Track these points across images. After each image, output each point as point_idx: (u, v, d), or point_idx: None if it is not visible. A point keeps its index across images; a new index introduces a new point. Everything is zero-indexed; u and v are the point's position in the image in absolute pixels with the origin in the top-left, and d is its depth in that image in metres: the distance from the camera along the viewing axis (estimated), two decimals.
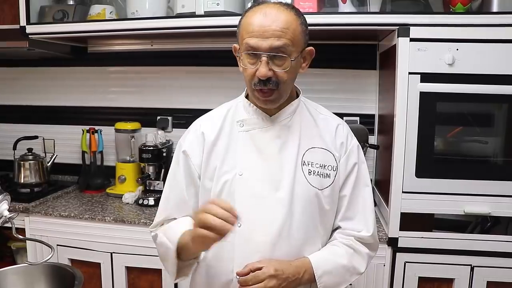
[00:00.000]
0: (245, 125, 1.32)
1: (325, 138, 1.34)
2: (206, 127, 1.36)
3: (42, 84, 2.88)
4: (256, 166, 1.28)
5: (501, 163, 1.89)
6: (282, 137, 1.30)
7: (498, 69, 1.79)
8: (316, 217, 1.29)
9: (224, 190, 1.28)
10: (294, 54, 1.20)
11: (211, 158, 1.32)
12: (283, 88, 1.23)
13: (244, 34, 1.21)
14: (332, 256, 1.29)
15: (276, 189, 1.26)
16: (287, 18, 1.18)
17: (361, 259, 1.33)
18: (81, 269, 1.44)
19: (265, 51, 1.17)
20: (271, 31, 1.16)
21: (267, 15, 1.18)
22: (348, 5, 2.07)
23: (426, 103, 1.83)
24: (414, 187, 1.87)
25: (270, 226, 1.24)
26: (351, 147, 1.36)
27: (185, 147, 1.36)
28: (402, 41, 1.83)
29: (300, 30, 1.21)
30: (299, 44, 1.22)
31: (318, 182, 1.29)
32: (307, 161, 1.29)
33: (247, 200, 1.26)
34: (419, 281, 1.92)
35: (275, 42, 1.16)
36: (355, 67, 2.50)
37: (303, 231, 1.27)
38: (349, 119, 2.50)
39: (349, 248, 1.31)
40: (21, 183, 2.54)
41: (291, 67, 1.20)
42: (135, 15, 2.23)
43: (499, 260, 1.85)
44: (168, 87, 2.71)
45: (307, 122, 1.35)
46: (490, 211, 1.83)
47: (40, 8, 2.39)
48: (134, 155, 2.57)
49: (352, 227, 1.34)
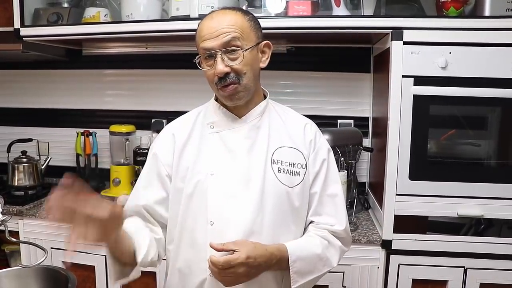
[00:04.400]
0: (215, 127, 1.36)
1: (293, 137, 1.37)
2: (176, 129, 1.40)
3: (36, 86, 2.87)
4: (227, 166, 1.30)
5: (494, 165, 1.91)
6: (252, 137, 1.33)
7: (490, 72, 1.80)
8: (288, 215, 1.31)
9: (196, 190, 1.30)
10: (246, 46, 1.26)
11: (182, 159, 1.34)
12: (245, 81, 1.27)
13: (198, 41, 1.29)
14: (307, 244, 1.31)
15: (247, 187, 1.28)
16: (232, 17, 1.27)
17: (334, 251, 1.34)
18: (75, 272, 1.44)
19: (218, 49, 1.24)
20: (219, 30, 1.24)
21: (214, 18, 1.28)
22: (342, 8, 2.07)
23: (420, 106, 1.84)
24: (408, 190, 1.88)
25: (241, 224, 1.26)
26: (319, 145, 1.39)
27: (155, 149, 1.40)
28: (396, 44, 1.84)
29: (248, 25, 1.29)
30: (250, 37, 1.28)
31: (288, 180, 1.31)
32: (277, 159, 1.32)
33: (219, 199, 1.28)
34: (412, 283, 1.93)
35: (224, 38, 1.23)
36: (349, 70, 2.51)
37: (274, 228, 1.29)
38: (343, 121, 2.51)
39: (323, 240, 1.33)
40: (15, 186, 2.53)
41: (245, 58, 1.25)
42: (129, 18, 2.23)
43: (492, 262, 1.86)
44: (162, 90, 2.71)
45: (275, 122, 1.38)
46: (483, 214, 1.84)
47: (34, 11, 2.38)
48: (128, 157, 2.57)
49: (324, 221, 1.36)
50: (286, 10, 2.09)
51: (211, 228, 1.27)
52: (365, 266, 1.95)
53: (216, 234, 1.26)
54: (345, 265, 1.94)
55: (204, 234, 1.27)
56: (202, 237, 1.27)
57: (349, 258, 1.92)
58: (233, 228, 1.26)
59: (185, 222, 1.31)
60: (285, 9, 2.10)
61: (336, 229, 1.35)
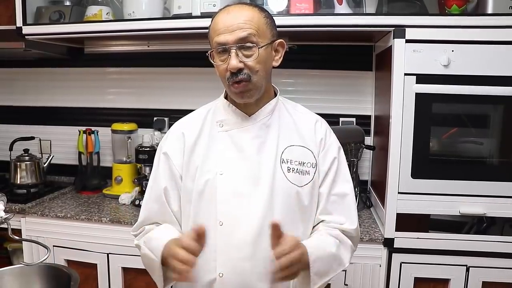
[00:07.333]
0: (224, 125, 1.35)
1: (303, 136, 1.36)
2: (186, 128, 1.38)
3: (38, 85, 2.88)
4: (236, 165, 1.30)
5: (497, 163, 1.90)
6: (261, 136, 1.32)
7: (493, 70, 1.79)
8: (296, 214, 1.31)
9: (206, 189, 1.30)
10: (262, 44, 1.24)
11: (192, 158, 1.33)
12: (256, 79, 1.25)
13: (213, 35, 1.27)
14: (322, 243, 1.29)
15: (256, 187, 1.28)
16: (249, 12, 1.25)
17: (346, 251, 1.33)
18: (77, 270, 1.45)
19: (233, 44, 1.22)
20: (235, 25, 1.22)
21: (230, 12, 1.26)
22: (344, 6, 2.07)
23: (422, 104, 1.84)
24: (410, 188, 1.87)
25: (250, 223, 1.25)
26: (330, 143, 1.38)
27: (166, 148, 1.38)
28: (398, 42, 1.84)
29: (264, 22, 1.27)
30: (265, 34, 1.26)
31: (298, 179, 1.31)
32: (286, 158, 1.31)
33: (228, 199, 1.27)
34: (415, 281, 1.93)
35: (241, 34, 1.22)
36: (351, 68, 2.51)
37: (283, 227, 1.26)
38: (345, 120, 2.51)
39: (335, 239, 1.31)
40: (17, 184, 2.54)
41: (260, 56, 1.24)
42: (131, 16, 2.23)
43: (494, 261, 1.86)
44: (164, 88, 2.72)
45: (285, 121, 1.37)
46: (485, 212, 1.84)
47: (36, 9, 2.39)
48: (130, 156, 2.57)
49: (335, 220, 1.34)
50: (288, 8, 2.09)
51: (220, 229, 1.26)
52: (367, 265, 1.95)
53: (226, 234, 1.26)
54: None
55: (214, 234, 1.26)
56: (212, 237, 1.25)
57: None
58: (242, 229, 1.25)
59: (195, 222, 1.30)
60: (287, 7, 2.09)
61: (347, 227, 1.33)
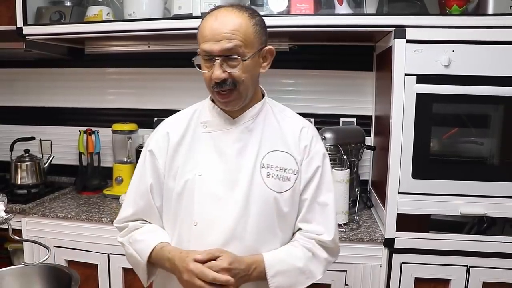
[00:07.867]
0: (208, 127, 1.35)
1: (287, 141, 1.34)
2: (171, 127, 1.38)
3: (39, 85, 2.88)
4: (215, 168, 1.29)
5: (497, 164, 1.90)
6: (243, 140, 1.31)
7: (493, 71, 1.79)
8: (274, 220, 1.29)
9: (185, 189, 1.30)
10: (248, 55, 1.22)
11: (175, 158, 1.34)
12: (241, 88, 1.24)
13: (199, 40, 1.25)
14: (288, 257, 1.29)
15: (232, 191, 1.27)
16: (238, 20, 1.21)
17: (318, 263, 1.32)
18: (78, 270, 1.45)
19: (218, 54, 1.20)
20: (221, 34, 1.19)
21: (218, 18, 1.22)
22: (345, 6, 2.07)
23: (422, 104, 1.84)
24: (411, 188, 1.87)
25: (223, 226, 1.25)
26: (315, 151, 1.35)
27: (151, 146, 1.38)
28: (398, 42, 1.84)
29: (252, 31, 1.23)
30: (252, 44, 1.23)
31: (277, 185, 1.29)
32: (267, 164, 1.30)
33: (204, 200, 1.27)
34: (415, 281, 1.93)
35: (226, 44, 1.19)
36: (351, 68, 2.50)
37: (258, 233, 1.27)
38: (345, 120, 2.51)
39: (307, 251, 1.30)
40: (17, 184, 2.54)
41: (245, 66, 1.22)
42: (132, 16, 2.23)
43: (495, 261, 1.86)
44: (165, 88, 2.72)
45: (270, 125, 1.36)
46: (486, 212, 1.84)
47: (37, 9, 2.39)
48: (131, 156, 2.57)
49: (313, 230, 1.32)
50: (288, 8, 2.09)
51: (194, 229, 1.27)
52: (368, 265, 1.95)
53: (199, 235, 1.26)
54: (347, 263, 1.94)
55: (188, 234, 1.27)
56: (186, 237, 1.28)
57: (352, 256, 1.93)
58: (215, 230, 1.25)
59: (175, 221, 1.32)
60: (288, 7, 2.09)
61: (324, 238, 1.31)
